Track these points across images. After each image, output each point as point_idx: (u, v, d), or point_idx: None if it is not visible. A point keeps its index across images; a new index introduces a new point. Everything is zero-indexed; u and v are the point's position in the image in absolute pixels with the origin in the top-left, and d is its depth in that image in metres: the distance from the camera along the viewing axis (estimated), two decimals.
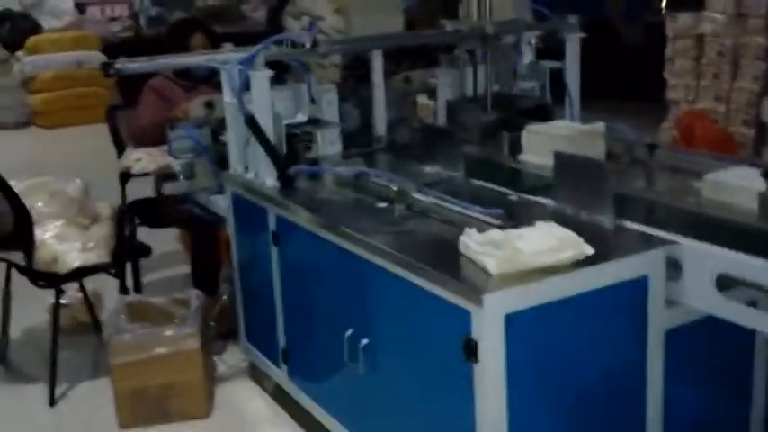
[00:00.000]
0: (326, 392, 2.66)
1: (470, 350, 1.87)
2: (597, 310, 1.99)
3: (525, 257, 1.92)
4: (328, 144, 3.11)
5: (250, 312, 3.14)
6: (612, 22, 9.05)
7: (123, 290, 3.60)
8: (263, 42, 2.82)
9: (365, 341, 2.30)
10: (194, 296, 3.20)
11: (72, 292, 3.78)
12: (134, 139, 3.75)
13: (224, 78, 2.91)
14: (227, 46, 3.12)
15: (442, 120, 3.36)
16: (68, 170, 3.70)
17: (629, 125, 2.87)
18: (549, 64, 3.36)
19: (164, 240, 4.35)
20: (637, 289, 2.03)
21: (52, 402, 3.19)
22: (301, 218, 2.59)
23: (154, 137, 3.47)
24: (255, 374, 3.24)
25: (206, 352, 3.11)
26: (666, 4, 8.03)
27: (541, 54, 3.41)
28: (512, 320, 1.86)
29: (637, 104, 6.54)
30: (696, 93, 5.69)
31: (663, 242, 2.07)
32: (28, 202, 3.17)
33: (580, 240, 1.97)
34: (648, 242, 2.09)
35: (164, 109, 3.65)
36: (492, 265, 1.92)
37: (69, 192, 3.32)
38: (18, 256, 3.23)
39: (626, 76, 7.53)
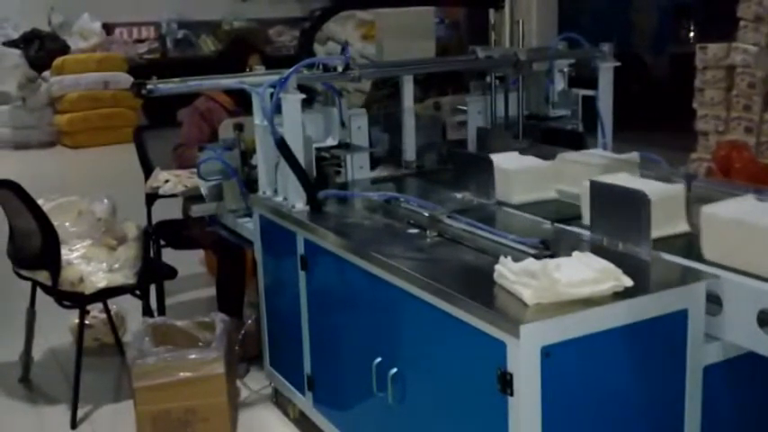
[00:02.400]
0: (352, 421, 2.61)
1: (505, 383, 1.83)
2: (635, 344, 1.93)
3: (563, 288, 1.87)
4: (358, 168, 3.10)
5: (275, 337, 3.10)
6: (639, 54, 9.04)
7: (147, 311, 3.57)
8: (295, 65, 2.81)
9: (394, 370, 2.26)
10: (219, 320, 3.17)
11: (95, 312, 3.77)
12: (176, 159, 3.75)
13: (255, 101, 2.91)
14: (259, 68, 3.12)
15: (472, 146, 3.34)
16: (94, 190, 3.70)
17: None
18: (581, 92, 3.33)
19: (187, 262, 4.34)
20: (676, 323, 1.98)
21: (74, 425, 3.16)
22: (331, 242, 2.56)
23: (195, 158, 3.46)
24: (279, 400, 3.20)
25: (230, 377, 3.07)
26: (695, 35, 8.01)
27: (573, 82, 3.38)
28: (548, 353, 1.81)
29: (664, 135, 6.49)
30: (726, 124, 5.62)
31: (703, 275, 2.02)
32: (55, 222, 3.16)
33: (619, 272, 1.92)
34: (688, 275, 2.04)
35: (208, 132, 3.65)
36: (528, 295, 1.87)
37: (97, 212, 3.31)
38: (43, 276, 3.22)
39: (653, 107, 7.48)
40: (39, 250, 3.15)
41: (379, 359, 2.32)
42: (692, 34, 9.23)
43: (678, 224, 2.30)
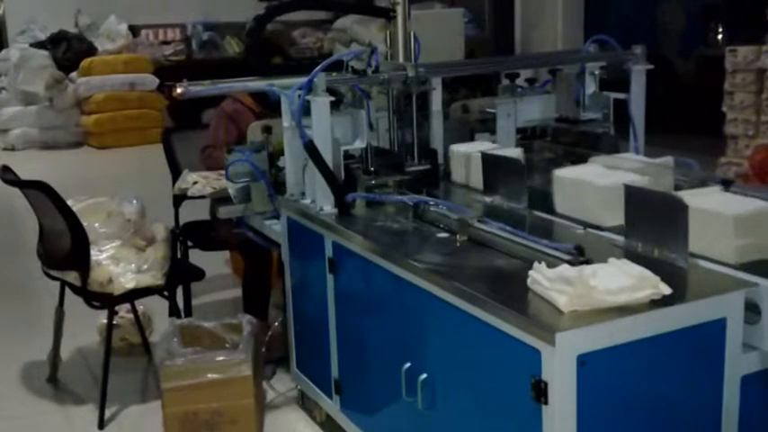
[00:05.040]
0: (380, 426, 2.59)
1: (540, 391, 1.80)
2: (672, 353, 1.90)
3: (599, 295, 1.84)
4: None
5: (302, 340, 3.09)
6: (667, 56, 8.95)
7: (174, 312, 3.57)
8: (321, 63, 2.79)
9: (424, 376, 2.24)
10: (246, 321, 3.16)
11: (122, 312, 3.78)
12: (204, 161, 3.76)
13: (284, 103, 2.90)
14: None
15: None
16: (120, 190, 3.71)
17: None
18: (612, 95, 3.28)
19: (213, 263, 4.35)
20: (714, 332, 1.94)
21: (101, 425, 3.17)
22: (359, 245, 2.55)
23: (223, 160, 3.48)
24: (305, 403, 3.19)
25: (257, 379, 3.07)
26: (724, 37, 7.91)
27: (605, 85, 3.34)
28: (584, 361, 1.78)
29: (692, 138, 6.42)
30: (756, 128, 5.55)
31: (742, 284, 1.98)
32: (85, 223, 3.17)
33: (657, 279, 1.89)
34: (726, 283, 2.00)
35: (235, 134, 3.66)
36: (563, 302, 1.85)
37: (126, 213, 3.32)
38: (72, 276, 3.23)
39: (681, 110, 7.40)
40: (68, 251, 3.16)
41: (408, 364, 2.30)
42: (720, 37, 9.13)
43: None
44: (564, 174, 2.62)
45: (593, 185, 2.46)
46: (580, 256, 2.08)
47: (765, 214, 2.17)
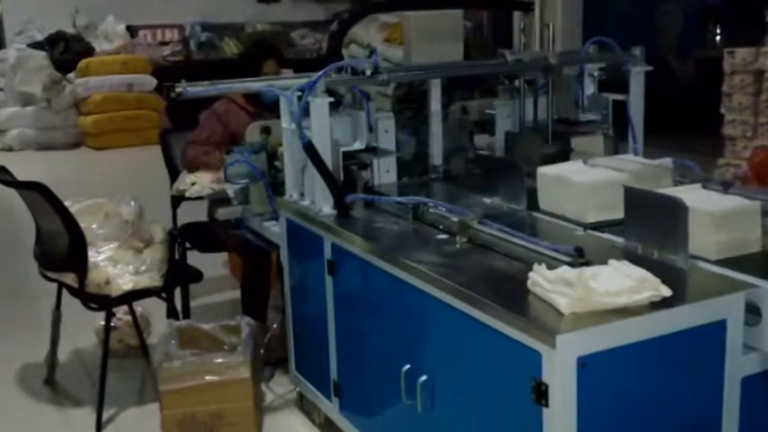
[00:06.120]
0: (380, 428, 2.58)
1: (540, 393, 1.79)
2: (672, 355, 1.90)
3: (599, 297, 1.84)
4: (384, 172, 3.07)
5: (301, 342, 3.08)
6: (665, 57, 8.96)
7: (172, 314, 3.56)
8: (323, 68, 2.79)
9: (423, 378, 2.23)
10: (245, 323, 3.16)
11: (120, 314, 3.77)
12: (185, 161, 3.74)
13: (283, 104, 2.90)
14: (288, 72, 3.11)
15: (500, 150, 3.31)
16: (118, 191, 3.70)
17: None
18: (611, 96, 3.28)
19: (211, 265, 4.34)
20: (714, 334, 1.94)
21: (99, 427, 3.15)
22: (358, 247, 2.54)
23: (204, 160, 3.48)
24: (304, 405, 3.18)
25: (256, 381, 3.06)
26: (722, 39, 7.92)
27: (604, 86, 3.34)
28: (585, 363, 1.77)
29: (690, 139, 6.42)
30: (754, 129, 5.55)
31: (742, 285, 1.98)
32: (83, 224, 3.16)
33: (657, 281, 1.89)
34: (727, 285, 1.99)
35: (221, 133, 3.64)
36: (564, 304, 1.84)
37: (124, 214, 3.31)
38: (70, 277, 3.22)
39: (679, 111, 7.40)
40: (66, 252, 3.15)
41: (408, 366, 2.29)
42: (718, 38, 9.14)
43: (750, 244, 2.17)
44: (546, 170, 2.64)
45: (574, 182, 2.50)
46: (580, 258, 2.08)
47: (744, 212, 2.19)
